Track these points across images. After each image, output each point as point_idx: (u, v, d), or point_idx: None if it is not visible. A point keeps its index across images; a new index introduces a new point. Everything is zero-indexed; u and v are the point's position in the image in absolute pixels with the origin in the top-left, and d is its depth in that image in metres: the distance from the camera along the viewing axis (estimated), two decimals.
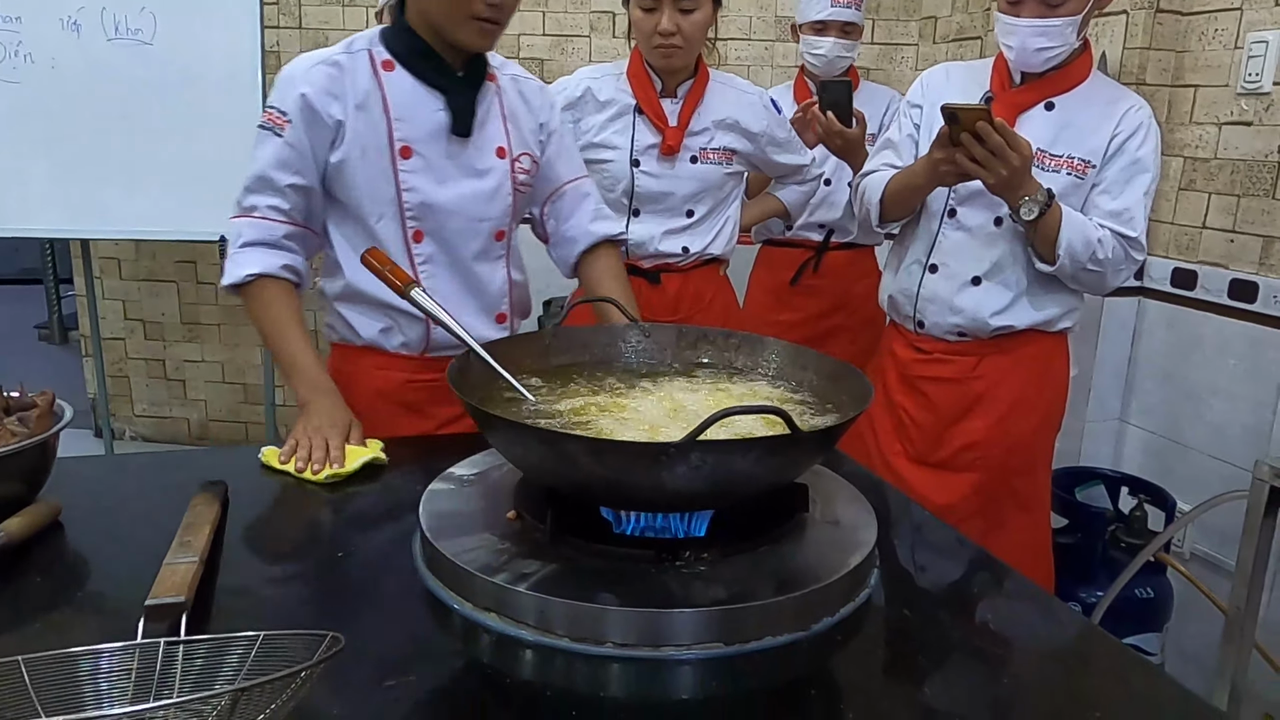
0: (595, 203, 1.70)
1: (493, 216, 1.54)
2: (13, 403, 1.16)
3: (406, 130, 1.45)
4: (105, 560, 1.07)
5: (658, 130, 2.08)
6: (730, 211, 2.21)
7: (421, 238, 1.50)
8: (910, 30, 3.63)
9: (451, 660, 0.90)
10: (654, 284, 2.17)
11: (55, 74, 3.08)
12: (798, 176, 2.34)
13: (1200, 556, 2.40)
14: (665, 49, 1.98)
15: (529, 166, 1.58)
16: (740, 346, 1.30)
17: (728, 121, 2.11)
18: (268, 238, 1.45)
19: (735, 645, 0.89)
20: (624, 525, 1.01)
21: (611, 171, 2.09)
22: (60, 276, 5.67)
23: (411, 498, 1.12)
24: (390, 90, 1.45)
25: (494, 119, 1.53)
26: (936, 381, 1.96)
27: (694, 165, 2.11)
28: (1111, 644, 0.98)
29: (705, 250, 2.17)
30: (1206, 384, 2.41)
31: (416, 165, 1.46)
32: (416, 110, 1.45)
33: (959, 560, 1.15)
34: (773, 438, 0.93)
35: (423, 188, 1.47)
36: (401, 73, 1.45)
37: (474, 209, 1.51)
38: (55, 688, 0.71)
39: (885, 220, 1.93)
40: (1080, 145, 1.79)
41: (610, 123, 2.09)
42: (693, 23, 1.96)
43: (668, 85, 2.09)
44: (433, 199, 1.48)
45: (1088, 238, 1.74)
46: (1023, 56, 1.76)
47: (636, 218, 2.13)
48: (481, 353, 1.16)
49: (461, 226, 1.51)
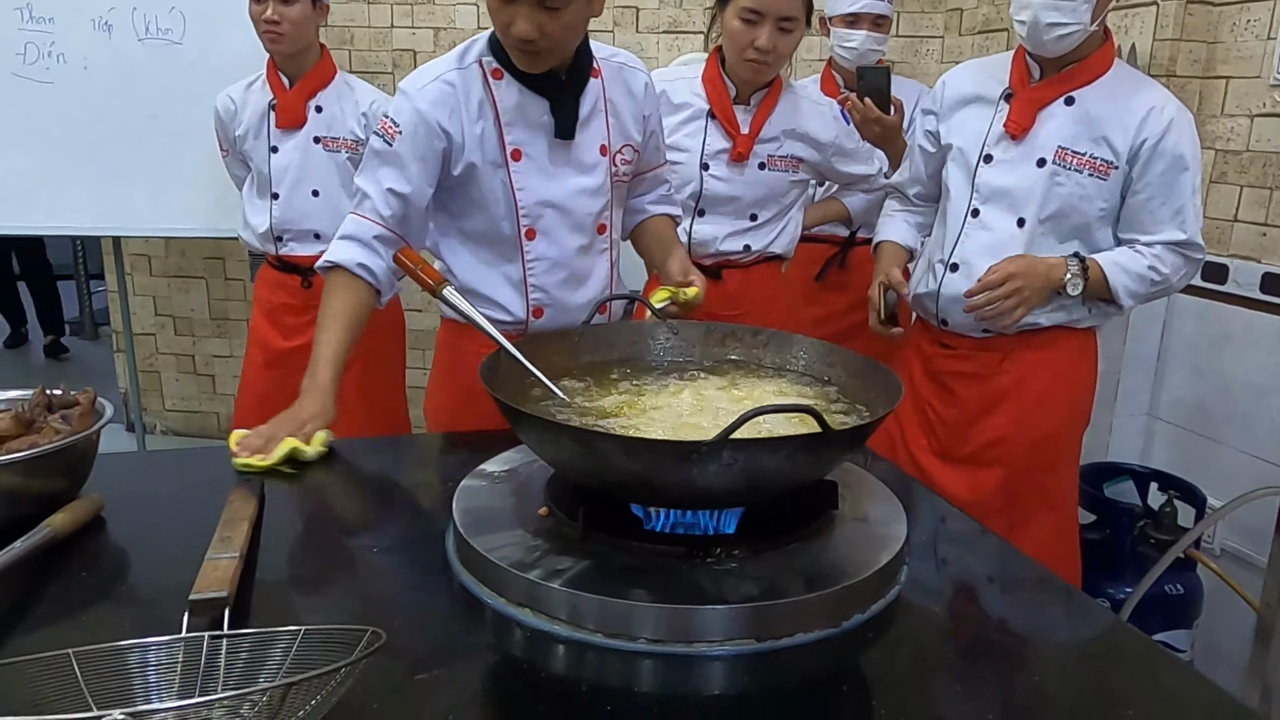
0: (667, 189, 1.80)
1: (594, 211, 1.60)
2: (55, 400, 1.18)
3: (517, 135, 1.51)
4: (145, 555, 1.09)
5: (729, 136, 2.10)
6: (793, 213, 2.23)
7: (534, 235, 1.56)
8: (936, 23, 3.60)
9: (485, 655, 0.91)
10: (715, 280, 2.19)
11: (87, 74, 3.12)
12: (864, 185, 2.35)
13: (1231, 553, 2.37)
14: (757, 64, 1.99)
15: (630, 158, 1.63)
16: (769, 344, 1.31)
17: (797, 131, 2.13)
18: (359, 234, 1.50)
19: (767, 642, 0.89)
20: (654, 522, 1.02)
21: (680, 173, 2.11)
22: (90, 272, 5.77)
23: (444, 493, 1.13)
24: (500, 97, 1.50)
25: (597, 115, 1.57)
26: (962, 377, 1.96)
27: (761, 171, 2.13)
28: (1141, 640, 0.98)
29: (767, 248, 2.20)
30: (1237, 379, 2.38)
31: (527, 167, 1.53)
32: (524, 116, 1.51)
33: (987, 556, 1.15)
34: (804, 436, 0.93)
35: (534, 187, 1.54)
36: (509, 80, 1.50)
37: (580, 205, 1.57)
38: (105, 680, 0.73)
39: None
40: (1102, 145, 1.76)
41: (683, 125, 2.12)
42: (789, 42, 1.98)
43: (742, 93, 2.10)
44: (544, 196, 1.54)
45: (1139, 273, 1.77)
46: (1034, 34, 1.73)
47: (701, 218, 2.16)
48: (513, 350, 1.17)
49: (569, 222, 1.58)
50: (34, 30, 3.10)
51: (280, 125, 2.59)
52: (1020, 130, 1.81)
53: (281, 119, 2.58)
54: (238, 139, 2.65)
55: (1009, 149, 1.83)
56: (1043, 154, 1.79)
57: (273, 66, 2.60)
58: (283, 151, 2.60)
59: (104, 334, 5.67)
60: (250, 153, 2.64)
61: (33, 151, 3.16)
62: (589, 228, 1.60)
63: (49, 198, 3.18)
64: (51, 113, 3.13)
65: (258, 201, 2.68)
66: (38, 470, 1.07)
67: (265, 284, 2.75)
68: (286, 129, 2.59)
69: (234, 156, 2.74)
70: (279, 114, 2.58)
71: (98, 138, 3.12)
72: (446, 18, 3.65)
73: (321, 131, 2.60)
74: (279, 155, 2.60)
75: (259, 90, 2.63)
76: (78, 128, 3.13)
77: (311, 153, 2.60)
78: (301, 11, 2.47)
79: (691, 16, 3.64)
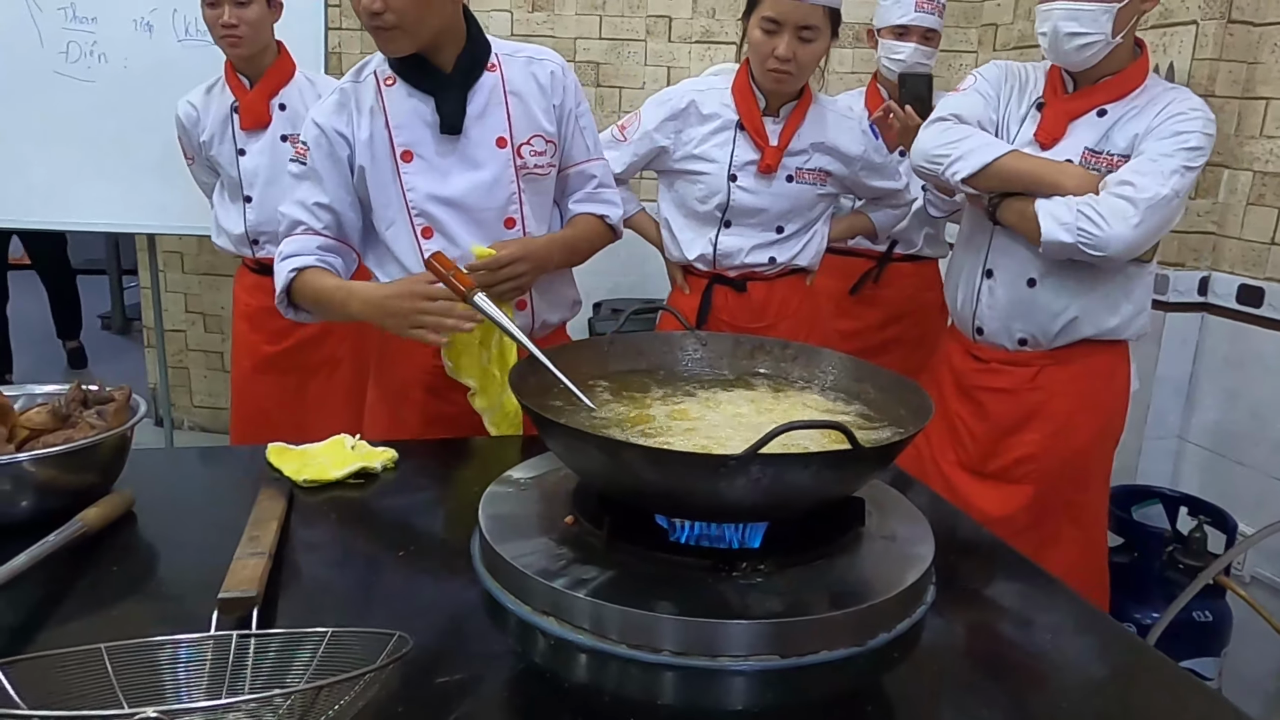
0: (595, 185, 1.72)
1: (495, 206, 1.58)
2: (91, 396, 1.20)
3: (405, 136, 1.54)
4: (175, 551, 1.10)
5: (757, 148, 2.09)
6: (818, 226, 2.22)
7: (431, 234, 1.57)
8: (970, 37, 3.58)
9: (507, 662, 0.91)
10: (740, 292, 2.18)
11: (127, 73, 3.18)
12: (892, 200, 2.34)
13: (1262, 581, 2.33)
14: (779, 74, 1.99)
15: (543, 149, 1.61)
16: (797, 358, 1.30)
17: (826, 144, 2.12)
18: (302, 250, 1.55)
19: (791, 658, 0.89)
20: (679, 533, 1.02)
21: (708, 184, 2.11)
22: (123, 268, 5.84)
23: (470, 499, 1.13)
24: (389, 102, 1.54)
25: (495, 108, 1.57)
26: (993, 392, 1.94)
27: (789, 184, 2.12)
28: (1168, 667, 0.96)
29: (792, 261, 2.19)
30: (1270, 403, 2.34)
31: (418, 167, 1.55)
32: (413, 117, 1.54)
33: (1015, 578, 1.14)
34: (833, 452, 0.93)
35: (423, 186, 1.55)
36: (400, 84, 1.54)
37: (475, 200, 1.57)
38: (135, 674, 0.74)
39: (967, 183, 1.81)
40: (1122, 144, 1.75)
41: (711, 136, 2.10)
42: (810, 51, 1.97)
43: (771, 104, 2.10)
44: (436, 194, 1.55)
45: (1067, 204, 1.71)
46: (1055, 44, 1.72)
47: (727, 229, 2.15)
48: (542, 357, 1.18)
49: (468, 219, 1.57)
50: (77, 29, 3.15)
51: (245, 127, 2.56)
52: (1051, 140, 1.81)
53: (246, 120, 2.56)
54: (203, 145, 2.62)
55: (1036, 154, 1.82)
56: (1070, 156, 1.79)
57: (231, 69, 2.57)
58: (251, 153, 2.58)
59: (135, 328, 5.73)
60: (218, 157, 2.62)
61: (72, 148, 3.21)
62: (493, 224, 1.58)
63: (86, 193, 3.23)
64: (92, 111, 3.18)
65: (230, 206, 2.66)
66: (71, 465, 1.09)
67: (243, 288, 2.72)
68: (252, 130, 2.57)
69: (200, 163, 2.72)
70: (243, 115, 2.56)
71: (136, 136, 3.17)
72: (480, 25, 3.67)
73: (288, 129, 2.57)
74: (247, 158, 2.58)
75: (220, 94, 2.60)
76: (116, 125, 3.17)
77: (280, 151, 2.55)
78: (258, 12, 2.46)
79: (724, 27, 3.65)
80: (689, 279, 2.24)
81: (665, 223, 2.24)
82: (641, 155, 2.16)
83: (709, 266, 2.18)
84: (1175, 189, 1.68)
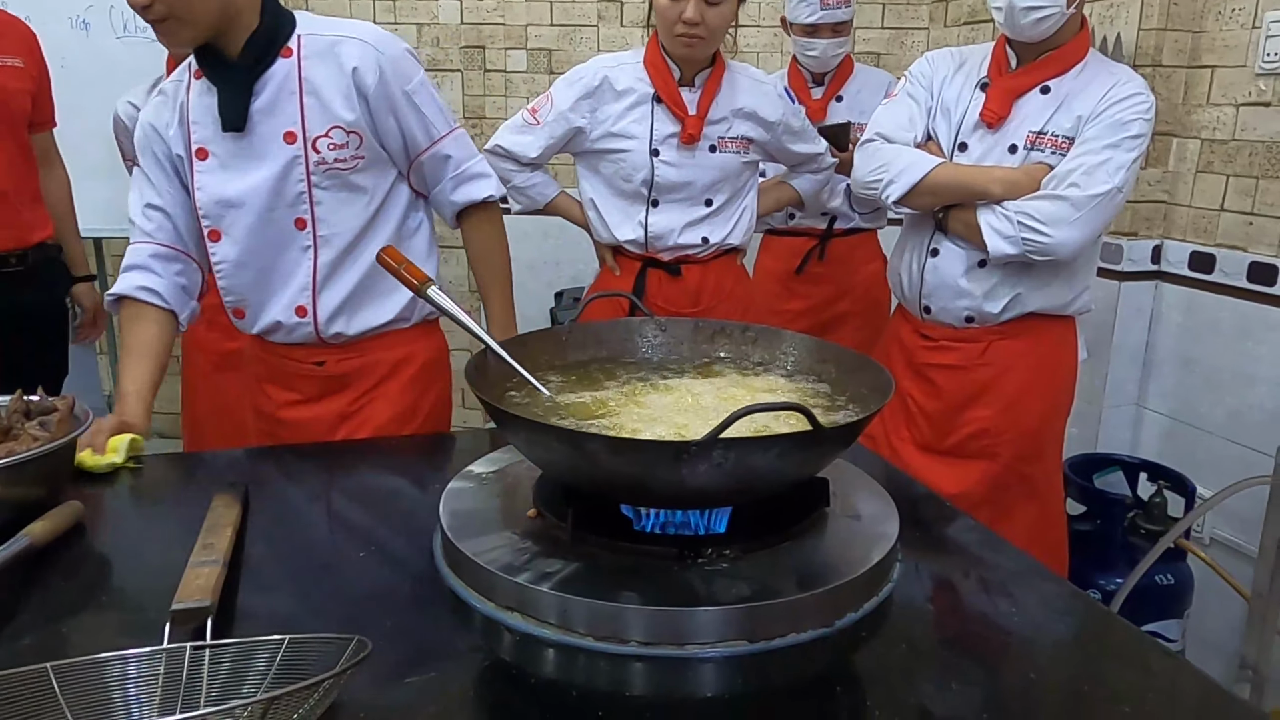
0: (454, 166, 1.60)
1: (282, 206, 1.50)
2: (34, 406, 1.16)
3: (200, 133, 1.48)
4: (127, 562, 1.07)
5: (677, 119, 2.06)
6: (747, 201, 2.20)
7: (218, 237, 1.52)
8: (921, 14, 3.59)
9: (474, 659, 0.90)
10: (674, 276, 2.17)
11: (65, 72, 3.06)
12: (813, 165, 2.33)
13: (1221, 542, 2.38)
14: (688, 39, 1.96)
15: (342, 140, 1.49)
16: (757, 340, 1.30)
17: (745, 110, 2.10)
18: (136, 260, 1.51)
19: (759, 643, 0.88)
20: (644, 522, 1.01)
21: (630, 161, 2.08)
22: None
23: (431, 496, 1.12)
24: (193, 96, 1.48)
25: (287, 99, 1.46)
26: (943, 369, 1.96)
27: (713, 154, 2.10)
28: (1131, 632, 0.97)
29: (725, 240, 2.17)
30: (1226, 368, 2.39)
31: (210, 166, 1.48)
32: (205, 112, 1.47)
33: (978, 550, 1.14)
34: (795, 434, 0.92)
35: (210, 186, 1.49)
36: (204, 79, 1.47)
37: (260, 200, 1.49)
38: (85, 694, 0.71)
39: (903, 204, 1.88)
40: (1066, 124, 1.77)
41: (628, 111, 2.07)
42: (718, 14, 1.95)
43: (686, 74, 2.07)
44: (219, 195, 1.49)
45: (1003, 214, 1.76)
46: (1011, 19, 1.73)
47: (655, 208, 2.12)
48: (498, 349, 1.16)
49: (252, 220, 1.50)
50: None
51: None
52: (996, 119, 1.82)
53: None
54: None
55: (984, 137, 1.84)
56: (1014, 140, 1.80)
57: (173, 65, 2.48)
58: None
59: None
60: None
61: None
62: (282, 224, 1.51)
63: None
64: None
65: None
66: (15, 478, 1.05)
67: None
68: None
69: None
70: None
71: (77, 138, 3.08)
72: (429, 13, 3.62)
73: None
74: None
75: None
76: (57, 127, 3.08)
77: None
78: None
79: None
80: (620, 260, 2.21)
81: (590, 203, 2.19)
82: (558, 138, 2.11)
83: (641, 250, 2.16)
84: (1118, 184, 1.71)
